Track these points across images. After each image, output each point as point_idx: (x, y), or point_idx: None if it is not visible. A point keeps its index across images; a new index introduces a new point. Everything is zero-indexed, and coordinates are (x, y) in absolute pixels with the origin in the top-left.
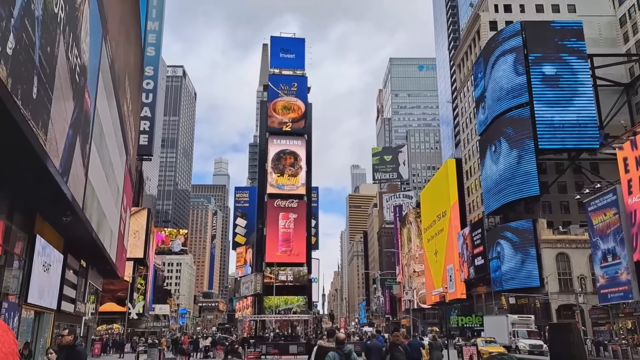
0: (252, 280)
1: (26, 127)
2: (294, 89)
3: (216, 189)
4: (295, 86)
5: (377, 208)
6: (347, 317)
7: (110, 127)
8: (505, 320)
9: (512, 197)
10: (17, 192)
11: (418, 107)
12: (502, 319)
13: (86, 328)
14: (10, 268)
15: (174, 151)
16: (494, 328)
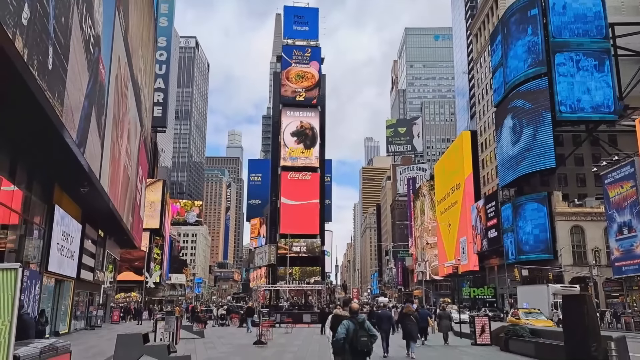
0: (266, 251)
1: (42, 98)
2: (307, 54)
3: (230, 161)
4: (308, 52)
5: (391, 181)
6: (359, 288)
7: (126, 99)
8: (545, 291)
9: (527, 170)
10: (36, 163)
11: (433, 79)
12: (542, 288)
13: (105, 296)
14: (31, 237)
15: (187, 123)
16: (530, 299)
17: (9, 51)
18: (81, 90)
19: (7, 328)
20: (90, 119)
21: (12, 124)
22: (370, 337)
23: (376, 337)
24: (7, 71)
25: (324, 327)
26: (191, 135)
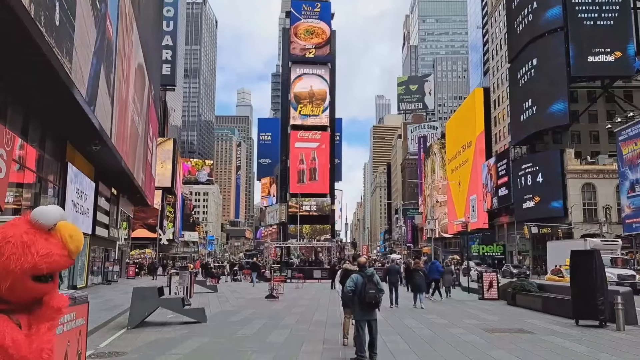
0: (277, 210)
1: (51, 55)
2: (317, 10)
3: (239, 120)
4: (318, 7)
5: (402, 139)
6: (369, 246)
7: (133, 56)
8: (582, 246)
9: (540, 127)
10: (47, 121)
11: (446, 34)
12: (577, 244)
13: (120, 252)
14: (46, 195)
15: (196, 81)
16: (562, 256)
17: (15, 6)
18: (89, 47)
19: None
20: (100, 77)
21: (22, 82)
22: (378, 290)
23: (384, 291)
24: (14, 28)
25: (334, 282)
26: (200, 93)
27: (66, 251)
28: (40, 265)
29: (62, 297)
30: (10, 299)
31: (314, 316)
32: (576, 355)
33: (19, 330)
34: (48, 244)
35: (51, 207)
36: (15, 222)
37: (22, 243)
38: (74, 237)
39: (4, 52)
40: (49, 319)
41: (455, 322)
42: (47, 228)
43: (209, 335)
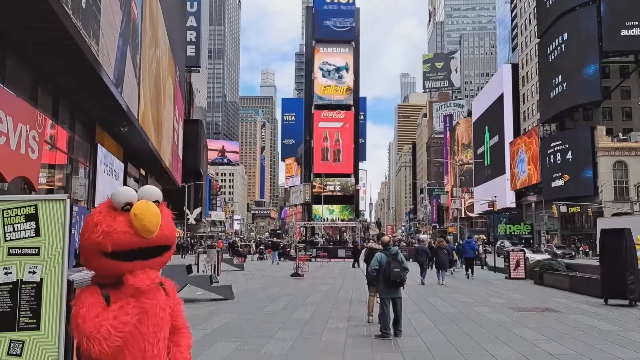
0: (302, 190)
1: (79, 37)
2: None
3: (264, 100)
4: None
5: (427, 118)
6: (393, 226)
7: (159, 38)
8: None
9: (570, 104)
10: (76, 102)
11: (473, 9)
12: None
13: None
14: (77, 176)
15: (220, 62)
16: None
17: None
18: (115, 28)
19: (60, 254)
20: (126, 58)
21: (52, 65)
22: (402, 268)
23: (408, 269)
24: (41, 10)
25: (357, 262)
26: (225, 74)
27: (132, 229)
28: (104, 242)
29: (144, 277)
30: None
31: (339, 294)
32: (604, 334)
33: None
34: (114, 222)
35: (123, 188)
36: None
37: (93, 222)
38: (138, 215)
39: (33, 35)
40: (128, 295)
41: (480, 301)
42: (119, 207)
43: (236, 311)
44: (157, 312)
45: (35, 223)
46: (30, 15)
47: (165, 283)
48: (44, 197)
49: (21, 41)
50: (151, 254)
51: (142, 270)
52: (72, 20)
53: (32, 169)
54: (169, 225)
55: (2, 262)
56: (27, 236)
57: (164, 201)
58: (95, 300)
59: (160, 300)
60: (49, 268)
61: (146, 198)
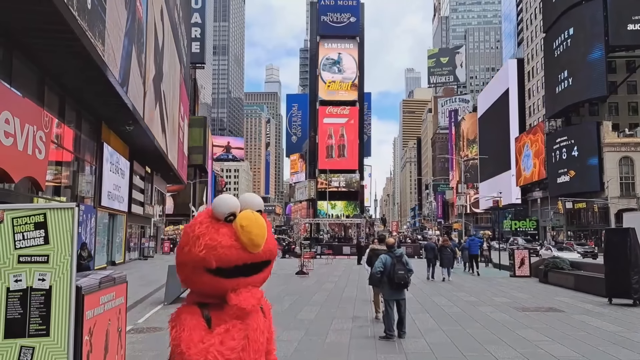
0: (306, 186)
1: (84, 38)
2: None
3: (268, 96)
4: None
5: (432, 113)
6: (398, 222)
7: (166, 39)
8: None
9: (576, 99)
10: (82, 102)
11: (478, 3)
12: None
13: (155, 228)
14: (83, 174)
15: (225, 58)
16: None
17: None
18: (121, 28)
19: (68, 262)
20: (131, 58)
21: (58, 65)
22: (407, 270)
23: (412, 271)
24: (48, 11)
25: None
26: (229, 70)
27: (239, 243)
28: (208, 257)
29: (248, 296)
30: (197, 292)
31: (344, 292)
32: (608, 334)
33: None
34: (218, 235)
35: (226, 197)
36: (202, 212)
37: (194, 234)
38: (246, 228)
39: (39, 36)
40: (232, 317)
41: (485, 300)
42: (222, 217)
43: None
44: (258, 337)
45: (44, 231)
46: (36, 17)
47: (262, 302)
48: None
49: (27, 42)
50: (253, 270)
51: (246, 289)
52: (78, 21)
53: (39, 169)
54: (272, 237)
55: (12, 270)
56: (37, 244)
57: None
58: (197, 322)
59: (260, 324)
60: (58, 275)
61: (249, 207)
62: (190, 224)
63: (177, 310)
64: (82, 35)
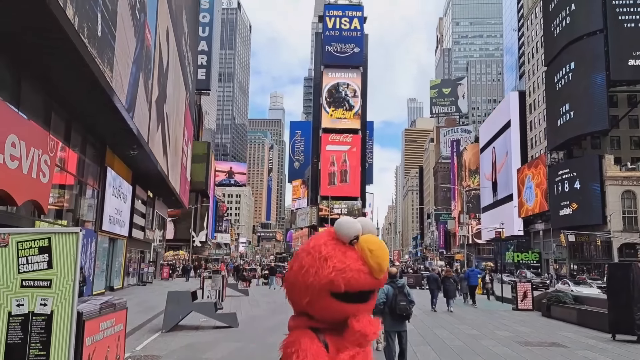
0: (308, 213)
1: (93, 65)
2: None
3: (272, 123)
4: (350, 12)
5: (434, 143)
6: (400, 251)
7: (172, 64)
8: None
9: (578, 132)
10: (88, 126)
11: (480, 36)
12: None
13: (155, 253)
14: (85, 197)
15: (230, 85)
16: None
17: (61, 20)
18: (129, 55)
19: (71, 287)
20: (138, 84)
21: (66, 90)
22: (409, 301)
23: (414, 303)
24: (59, 39)
25: None
26: (234, 97)
27: (366, 267)
28: (337, 281)
29: (370, 322)
30: (316, 317)
31: None
32: None
33: (324, 352)
34: (345, 258)
35: (351, 219)
36: (320, 234)
37: (320, 256)
38: (375, 252)
39: (49, 61)
40: (353, 343)
41: (487, 334)
42: (347, 240)
43: (241, 340)
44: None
45: (48, 255)
46: (47, 43)
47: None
48: (58, 230)
49: (36, 66)
50: (368, 296)
51: (366, 315)
52: (88, 48)
53: (43, 192)
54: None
55: (14, 294)
56: (40, 268)
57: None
58: (319, 348)
59: (368, 352)
60: (60, 300)
61: (369, 231)
62: (313, 245)
63: (293, 335)
64: (91, 61)
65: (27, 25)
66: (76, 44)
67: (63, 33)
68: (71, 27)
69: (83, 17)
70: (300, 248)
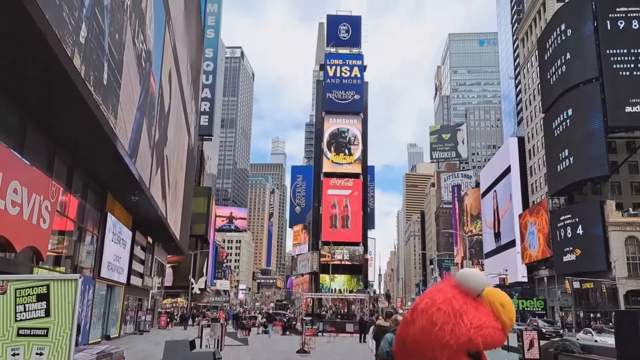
0: (309, 259)
1: (98, 112)
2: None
3: (273, 167)
4: (351, 61)
5: (435, 188)
6: (403, 298)
7: (173, 109)
8: None
9: (578, 177)
10: (90, 172)
11: (478, 84)
12: None
13: (153, 301)
14: (85, 244)
15: (233, 131)
16: None
17: (68, 68)
18: (133, 102)
19: (68, 335)
20: (142, 130)
21: (70, 135)
22: None
23: None
24: (65, 87)
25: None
26: (236, 142)
27: (499, 323)
28: (476, 339)
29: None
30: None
31: None
32: None
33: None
34: (479, 313)
35: (474, 271)
36: (441, 286)
37: (454, 311)
38: (507, 308)
39: (54, 107)
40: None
41: None
42: (476, 294)
43: None
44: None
45: (46, 303)
46: (53, 91)
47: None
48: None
49: (41, 112)
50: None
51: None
52: (93, 96)
53: (42, 239)
54: None
55: (10, 343)
56: (38, 316)
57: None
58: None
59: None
60: (57, 349)
61: (487, 285)
62: (443, 300)
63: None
64: (96, 109)
65: (35, 76)
66: (82, 92)
67: (70, 82)
68: (78, 76)
69: (90, 66)
70: (423, 302)
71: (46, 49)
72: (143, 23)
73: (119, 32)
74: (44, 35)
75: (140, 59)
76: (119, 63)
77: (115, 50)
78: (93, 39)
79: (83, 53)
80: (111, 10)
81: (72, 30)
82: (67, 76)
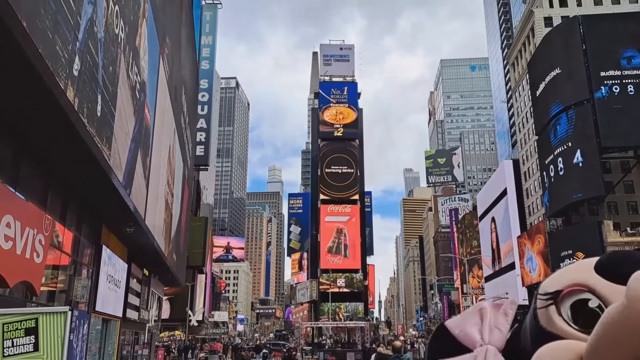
0: (308, 287)
1: (92, 144)
2: (345, 95)
3: (270, 196)
4: (345, 90)
5: (432, 212)
6: (404, 324)
7: (169, 140)
8: None
9: (574, 198)
10: (85, 204)
11: (471, 108)
12: None
13: (150, 335)
14: (80, 278)
15: (229, 160)
16: None
17: (61, 101)
18: (128, 134)
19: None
20: (136, 161)
21: (62, 168)
22: None
23: None
24: (58, 120)
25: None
26: (232, 172)
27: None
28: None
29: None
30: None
31: None
32: None
33: None
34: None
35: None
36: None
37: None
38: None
39: (46, 140)
40: None
41: None
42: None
43: None
44: None
45: (34, 337)
46: (47, 125)
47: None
48: (46, 309)
49: (35, 146)
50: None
51: None
52: (87, 128)
53: (36, 273)
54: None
55: None
56: (26, 351)
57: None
58: None
59: None
60: None
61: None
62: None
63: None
64: (90, 141)
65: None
66: (76, 125)
67: (64, 116)
68: (72, 109)
69: (83, 99)
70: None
71: (40, 82)
72: (137, 55)
73: (113, 65)
74: (37, 68)
75: (135, 90)
76: (112, 95)
77: (109, 82)
78: (87, 72)
79: (76, 85)
80: (105, 43)
81: (65, 64)
82: (60, 109)
